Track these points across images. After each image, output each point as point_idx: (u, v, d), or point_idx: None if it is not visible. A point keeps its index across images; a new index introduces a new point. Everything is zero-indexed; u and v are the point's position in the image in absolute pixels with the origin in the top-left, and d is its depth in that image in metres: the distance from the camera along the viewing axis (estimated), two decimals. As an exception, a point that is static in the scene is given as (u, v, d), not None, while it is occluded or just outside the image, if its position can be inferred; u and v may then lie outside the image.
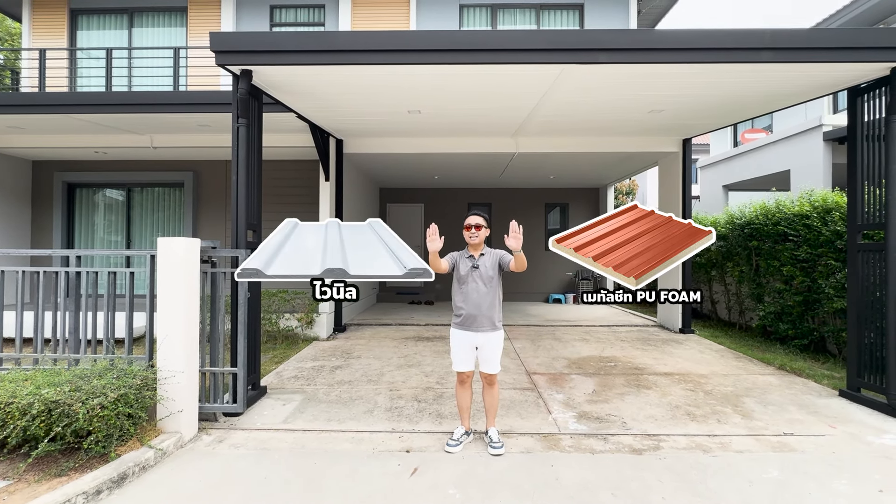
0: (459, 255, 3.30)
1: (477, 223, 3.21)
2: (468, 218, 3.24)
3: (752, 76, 4.26)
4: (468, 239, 3.24)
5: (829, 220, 5.58)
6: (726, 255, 7.63)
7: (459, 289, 3.24)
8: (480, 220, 3.23)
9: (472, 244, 3.24)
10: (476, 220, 3.22)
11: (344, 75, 4.24)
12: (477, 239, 3.21)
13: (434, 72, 4.18)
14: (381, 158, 7.95)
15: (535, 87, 4.64)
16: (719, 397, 4.27)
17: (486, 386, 3.32)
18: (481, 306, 3.15)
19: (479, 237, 3.21)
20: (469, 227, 3.22)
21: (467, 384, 3.32)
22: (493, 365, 3.22)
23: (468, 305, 3.17)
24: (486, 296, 3.17)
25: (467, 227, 3.22)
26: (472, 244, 3.24)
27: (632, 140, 7.19)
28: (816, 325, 6.03)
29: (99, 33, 9.05)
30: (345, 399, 4.22)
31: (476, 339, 3.18)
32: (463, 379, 3.29)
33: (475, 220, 3.22)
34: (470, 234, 3.22)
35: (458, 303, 3.24)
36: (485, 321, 3.16)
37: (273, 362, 5.59)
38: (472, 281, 3.18)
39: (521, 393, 4.38)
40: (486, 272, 3.19)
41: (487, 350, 3.20)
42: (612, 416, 3.81)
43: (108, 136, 7.02)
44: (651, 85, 4.57)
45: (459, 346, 3.23)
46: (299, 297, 6.78)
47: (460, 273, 3.23)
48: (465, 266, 3.22)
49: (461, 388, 3.32)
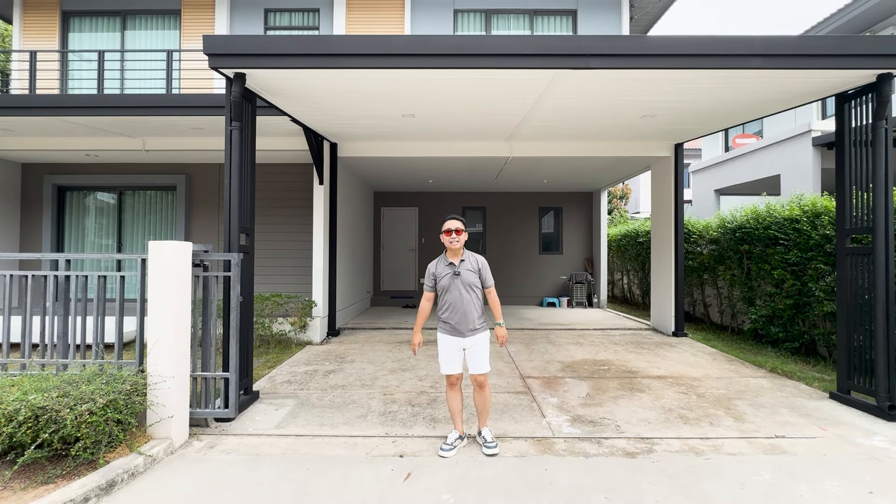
0: (436, 266, 3.27)
1: (457, 227, 3.18)
2: (447, 222, 3.20)
3: (742, 82, 4.31)
4: (449, 244, 3.19)
5: (818, 224, 5.65)
6: (718, 258, 7.70)
7: (443, 297, 3.23)
8: (460, 224, 3.20)
9: (453, 249, 3.21)
10: (456, 224, 3.19)
11: (337, 79, 4.24)
12: (458, 244, 3.19)
13: (428, 76, 4.19)
14: (375, 162, 7.96)
15: (529, 92, 4.67)
16: (712, 400, 4.29)
17: (477, 388, 3.32)
18: (467, 312, 3.17)
19: (459, 242, 3.19)
20: (449, 231, 3.18)
21: (457, 386, 3.31)
22: (481, 365, 3.23)
23: (453, 312, 3.18)
24: (469, 302, 3.18)
25: (447, 231, 3.19)
26: (453, 249, 3.21)
27: (625, 145, 7.25)
28: (807, 328, 6.09)
29: (91, 35, 8.98)
30: (338, 404, 4.19)
31: (463, 342, 3.21)
32: (452, 381, 3.29)
33: (455, 225, 3.18)
34: (451, 240, 3.18)
35: (444, 310, 3.24)
36: (469, 325, 3.18)
37: (266, 367, 5.54)
38: (455, 289, 3.17)
39: (516, 397, 4.38)
40: (467, 278, 3.19)
41: (474, 351, 3.21)
42: (606, 420, 3.81)
43: (100, 139, 6.96)
44: (643, 90, 4.62)
45: (447, 350, 3.24)
46: (293, 301, 6.74)
47: (443, 283, 3.22)
48: (447, 275, 3.21)
49: (451, 391, 3.31)
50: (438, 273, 3.24)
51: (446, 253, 3.26)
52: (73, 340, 3.70)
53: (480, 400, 3.32)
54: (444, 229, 3.20)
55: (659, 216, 7.90)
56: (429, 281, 3.29)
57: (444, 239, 3.21)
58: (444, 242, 3.22)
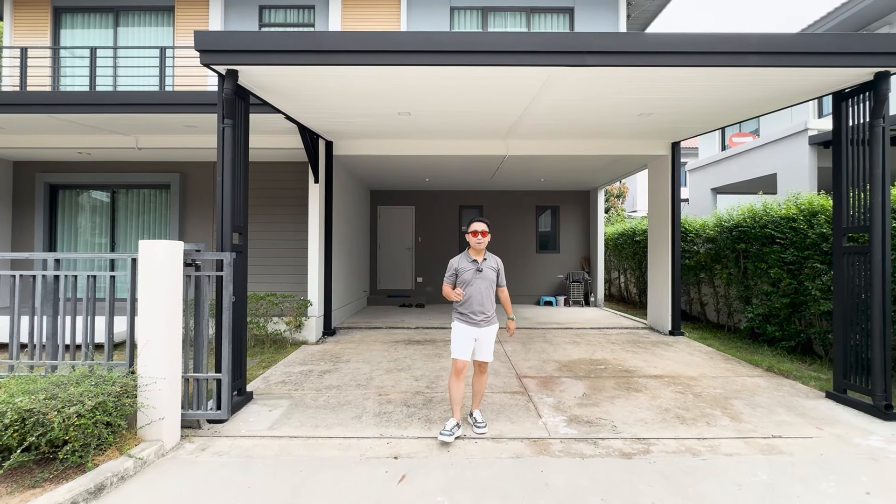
0: (459, 262, 3.55)
1: (483, 230, 3.50)
2: (474, 224, 3.51)
3: (740, 80, 4.29)
4: (475, 244, 3.51)
5: (815, 223, 5.65)
6: (715, 257, 7.69)
7: (464, 289, 3.49)
8: (486, 226, 3.53)
9: (478, 249, 3.53)
10: (482, 226, 3.51)
11: (331, 76, 4.20)
12: (482, 244, 3.51)
13: (423, 73, 4.15)
14: (371, 160, 7.90)
15: (525, 90, 4.63)
16: (709, 400, 4.28)
17: (479, 373, 3.64)
18: (485, 304, 3.49)
19: (484, 243, 3.51)
20: (476, 233, 3.49)
21: (462, 374, 3.51)
22: (487, 354, 3.57)
23: (472, 304, 3.47)
24: (487, 296, 3.51)
25: (474, 232, 3.50)
26: (478, 249, 3.53)
27: (622, 143, 7.23)
28: (803, 326, 6.09)
29: (83, 32, 8.88)
30: (333, 404, 4.15)
31: (477, 332, 3.49)
32: (459, 368, 3.48)
33: (481, 227, 3.50)
34: (477, 240, 3.49)
35: (463, 302, 3.48)
36: (485, 317, 3.50)
37: (261, 367, 5.50)
38: (477, 283, 3.48)
39: (512, 397, 4.35)
40: (489, 275, 3.52)
41: (484, 341, 3.53)
42: (602, 420, 3.79)
43: (93, 137, 6.87)
44: (640, 88, 4.59)
45: (462, 337, 3.48)
46: (288, 300, 6.69)
47: (464, 277, 3.49)
48: (469, 270, 3.49)
49: (456, 379, 3.50)
50: (461, 268, 3.51)
51: (469, 250, 3.58)
52: (63, 341, 3.64)
53: (479, 384, 3.64)
54: (470, 230, 3.52)
55: (656, 215, 7.88)
56: (450, 274, 3.56)
57: (470, 239, 3.53)
58: (470, 242, 3.54)
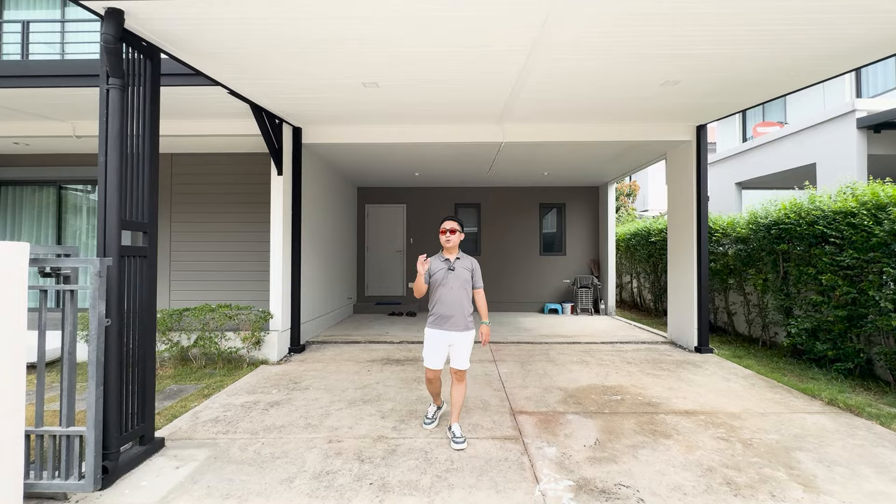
0: (431, 262, 3.44)
1: (452, 227, 3.43)
2: (444, 223, 3.47)
3: (801, 26, 3.22)
4: (444, 243, 3.45)
5: (883, 219, 4.55)
6: (746, 260, 6.59)
7: (436, 290, 3.43)
8: (456, 224, 3.45)
9: (448, 247, 3.46)
10: (452, 224, 3.44)
11: (259, 21, 3.19)
12: (452, 243, 3.43)
13: (383, 15, 3.13)
14: (350, 150, 6.89)
15: (517, 40, 3.59)
16: (763, 451, 3.20)
17: (456, 382, 3.45)
18: (456, 307, 3.37)
19: (453, 241, 3.43)
20: (444, 231, 3.44)
21: (435, 382, 3.52)
22: (463, 361, 3.40)
23: (444, 306, 3.38)
24: (460, 298, 3.39)
25: (443, 231, 3.45)
26: (448, 247, 3.46)
27: (637, 127, 6.17)
28: (863, 344, 4.98)
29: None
30: (264, 457, 3.14)
31: (451, 337, 3.38)
32: (430, 378, 3.48)
33: (451, 225, 3.44)
34: (446, 238, 3.43)
35: (435, 303, 3.43)
36: (459, 321, 3.38)
37: (200, 395, 4.51)
38: (448, 283, 3.39)
39: (501, 446, 3.30)
40: (461, 274, 3.42)
41: (459, 347, 3.40)
42: (623, 487, 2.74)
43: (22, 124, 5.95)
44: (666, 35, 3.51)
45: (433, 344, 3.40)
46: (244, 312, 5.70)
47: (437, 278, 3.41)
48: (441, 269, 3.41)
49: (429, 384, 3.54)
50: (433, 268, 3.43)
51: (442, 251, 3.51)
52: None
53: (457, 394, 3.44)
54: (440, 229, 3.48)
55: (677, 212, 6.79)
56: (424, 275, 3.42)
57: (441, 237, 3.47)
58: (441, 241, 3.48)
